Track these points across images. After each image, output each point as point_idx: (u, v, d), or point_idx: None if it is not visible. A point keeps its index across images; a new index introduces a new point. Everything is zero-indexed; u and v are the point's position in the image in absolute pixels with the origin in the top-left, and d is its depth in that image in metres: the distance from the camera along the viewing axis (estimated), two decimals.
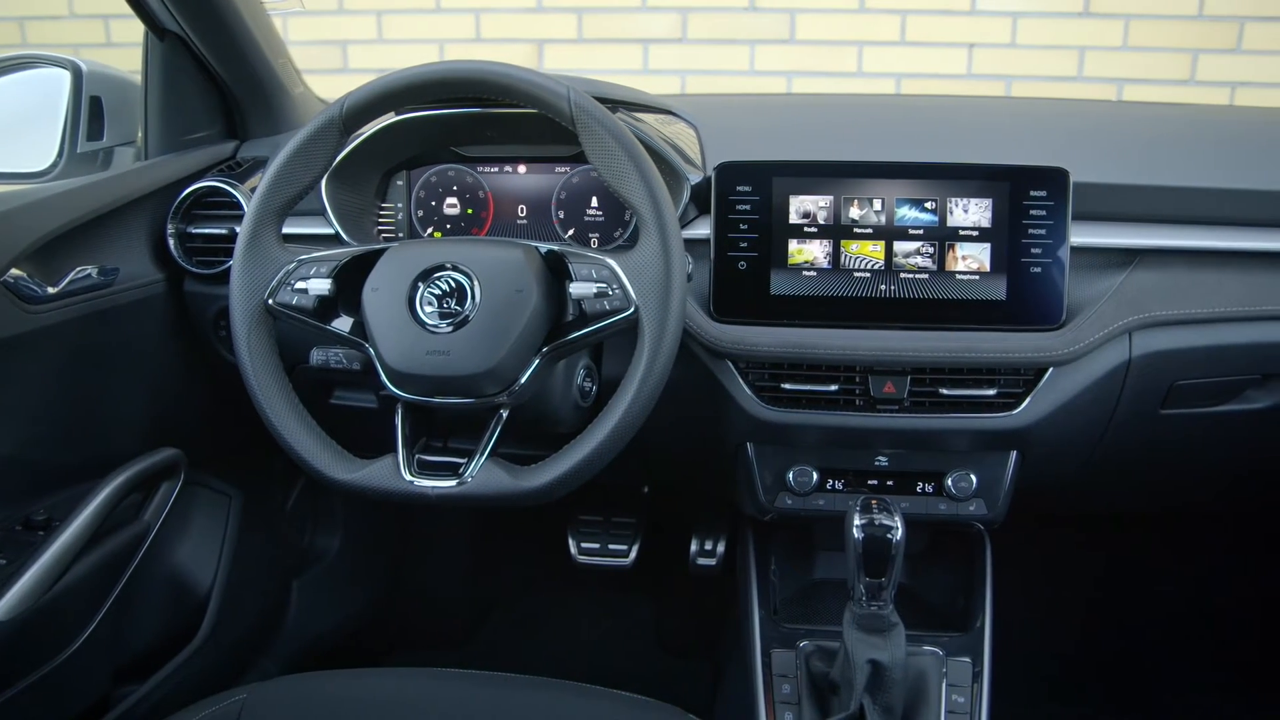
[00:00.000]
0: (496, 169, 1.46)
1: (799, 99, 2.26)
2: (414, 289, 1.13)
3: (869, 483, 1.36)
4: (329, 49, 3.33)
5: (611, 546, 1.88)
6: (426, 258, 1.14)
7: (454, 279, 1.12)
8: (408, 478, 1.11)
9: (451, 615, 2.18)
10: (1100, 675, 2.03)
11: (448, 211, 1.47)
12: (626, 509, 1.92)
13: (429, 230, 1.48)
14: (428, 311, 1.12)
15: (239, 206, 1.43)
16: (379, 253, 1.17)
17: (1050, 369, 1.26)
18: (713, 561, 1.81)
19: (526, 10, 3.24)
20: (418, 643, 2.16)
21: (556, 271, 1.14)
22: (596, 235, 1.44)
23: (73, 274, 1.30)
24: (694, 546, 1.82)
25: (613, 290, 1.09)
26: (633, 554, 1.87)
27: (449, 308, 1.11)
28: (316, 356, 1.29)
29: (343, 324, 1.18)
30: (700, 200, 1.32)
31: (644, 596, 2.15)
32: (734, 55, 3.19)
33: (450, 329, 1.10)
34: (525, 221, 1.46)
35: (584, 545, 1.90)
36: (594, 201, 1.44)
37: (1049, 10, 3.13)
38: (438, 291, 1.12)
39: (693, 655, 1.97)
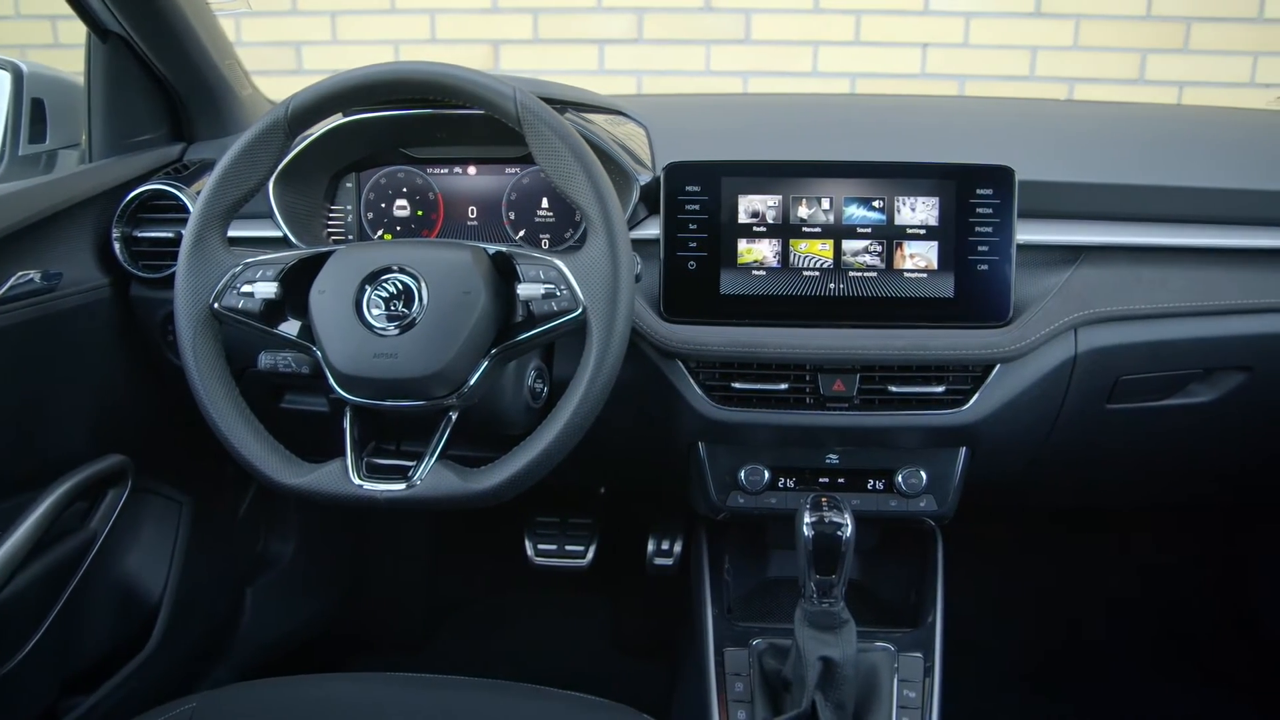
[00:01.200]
0: (446, 170, 1.46)
1: (753, 99, 2.27)
2: (361, 291, 1.12)
3: (820, 480, 1.37)
4: (283, 50, 3.30)
5: (568, 548, 1.88)
6: (373, 260, 1.13)
7: (401, 281, 1.12)
8: (356, 481, 1.10)
9: (409, 619, 2.17)
10: (1052, 668, 2.05)
11: (398, 213, 1.47)
12: (583, 510, 1.92)
13: (379, 232, 1.47)
14: (375, 314, 1.11)
15: (185, 210, 1.41)
16: (326, 255, 1.16)
17: (998, 365, 1.28)
18: (670, 561, 1.82)
19: (482, 11, 3.22)
20: (375, 647, 2.14)
21: (505, 273, 1.13)
22: (547, 236, 1.44)
23: (14, 279, 1.28)
24: (651, 546, 1.83)
25: (560, 291, 1.09)
26: (590, 555, 1.87)
27: (396, 310, 1.10)
28: (265, 360, 1.28)
29: (290, 327, 1.17)
30: (650, 200, 1.32)
31: (602, 597, 2.15)
32: (690, 55, 3.19)
33: (398, 331, 1.09)
34: (476, 223, 1.46)
35: (541, 547, 1.89)
36: (544, 202, 1.43)
37: (1001, 10, 3.16)
38: (385, 294, 1.11)
39: (650, 655, 1.97)
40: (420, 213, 1.46)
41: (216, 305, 1.15)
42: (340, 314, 1.11)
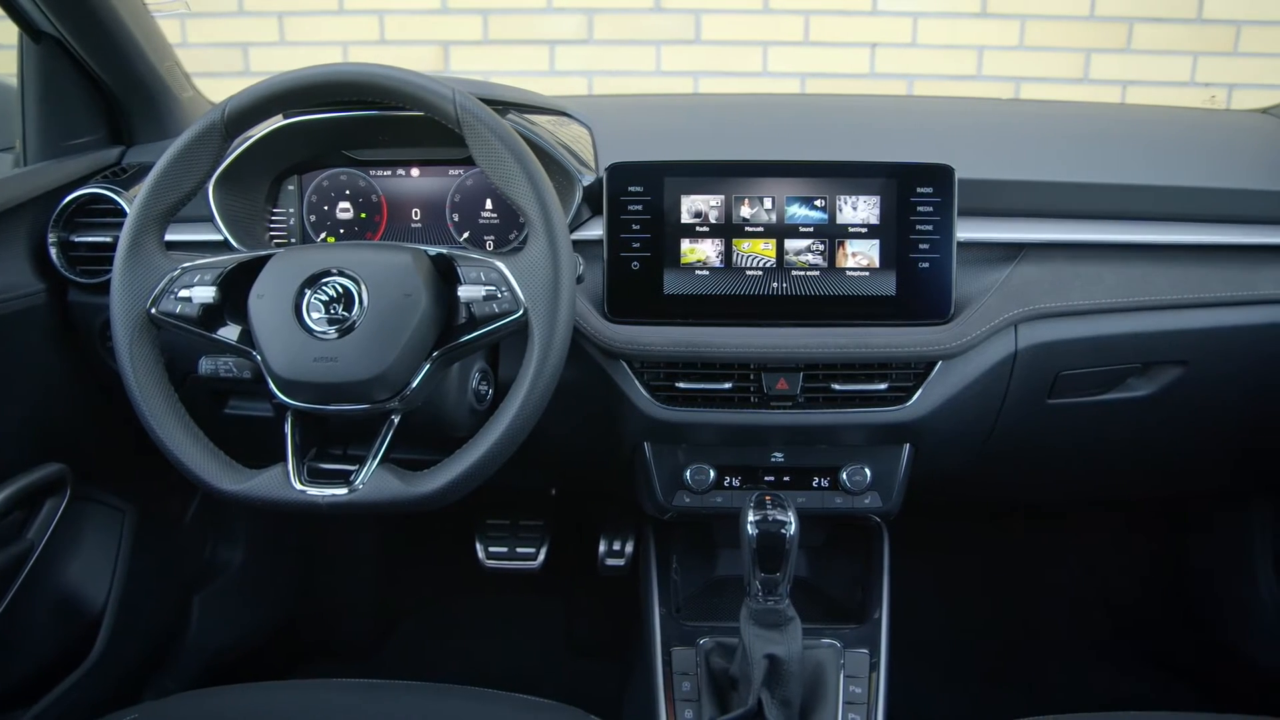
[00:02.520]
0: (389, 172, 1.45)
1: (701, 99, 2.27)
2: (300, 295, 1.11)
3: (765, 479, 1.37)
4: (229, 51, 3.26)
5: (519, 550, 1.87)
6: (312, 263, 1.12)
7: (341, 284, 1.11)
8: (298, 487, 1.09)
9: (361, 624, 2.15)
10: (999, 661, 2.07)
11: (341, 216, 1.45)
12: (534, 512, 1.92)
13: (322, 235, 1.46)
14: (315, 318, 1.10)
15: (124, 214, 1.39)
16: (265, 259, 1.15)
17: (939, 362, 1.29)
18: (621, 562, 1.82)
19: (431, 12, 3.21)
20: (327, 654, 2.12)
21: (446, 275, 1.13)
22: (492, 238, 1.43)
23: None
24: (602, 547, 1.83)
25: (502, 293, 1.09)
26: (541, 556, 1.87)
27: (336, 313, 1.10)
28: (205, 366, 1.26)
29: (230, 332, 1.15)
30: (593, 201, 1.32)
31: (554, 599, 2.15)
32: (640, 56, 3.20)
33: (337, 335, 1.09)
34: (420, 225, 1.45)
35: (492, 549, 1.89)
36: (488, 204, 1.43)
37: (948, 10, 3.20)
38: (325, 297, 1.10)
39: (603, 656, 1.97)
40: (363, 215, 1.45)
41: (154, 310, 1.13)
42: (279, 318, 1.10)
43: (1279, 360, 1.40)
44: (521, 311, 1.08)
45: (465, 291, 1.09)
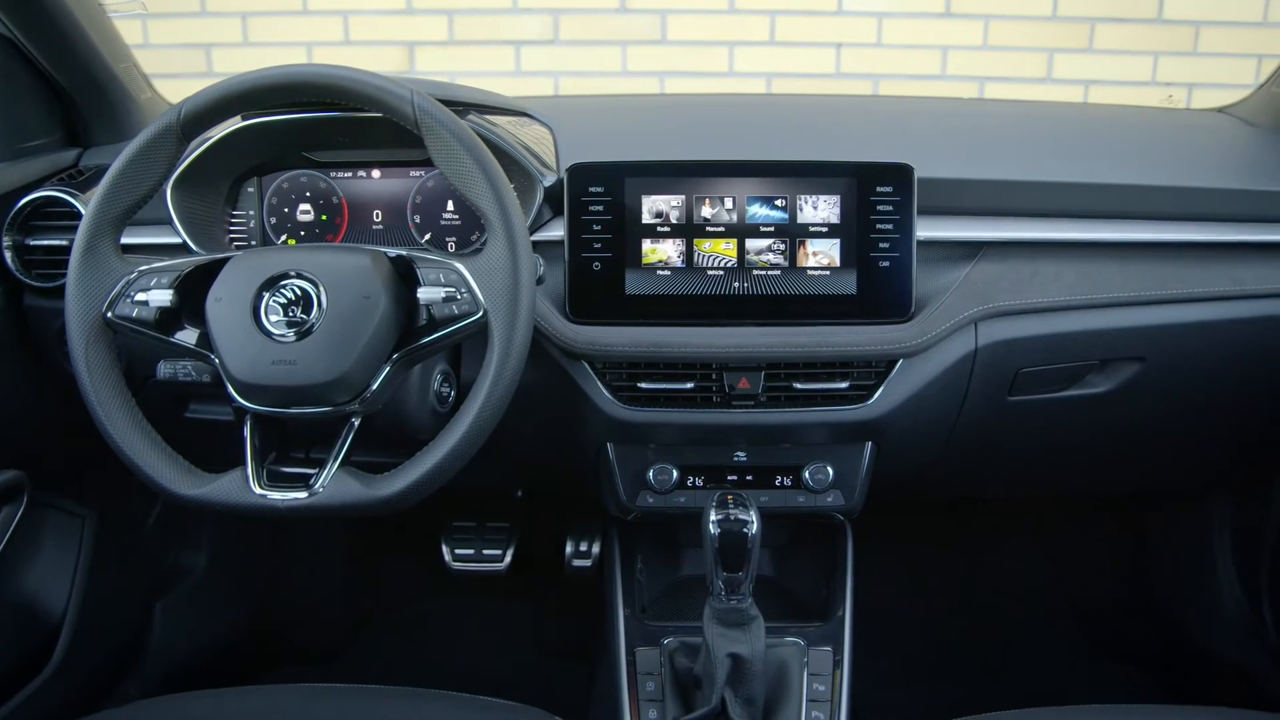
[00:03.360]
0: (350, 174, 1.44)
1: (666, 99, 2.28)
2: (258, 298, 1.10)
3: (728, 478, 1.38)
4: (192, 52, 3.24)
5: (486, 552, 1.87)
6: (270, 266, 1.11)
7: (299, 287, 1.10)
8: (257, 490, 1.08)
9: (327, 628, 2.14)
10: (964, 656, 2.09)
11: (301, 218, 1.44)
12: (501, 514, 1.91)
13: (282, 238, 1.45)
14: (273, 320, 1.09)
15: (80, 217, 1.37)
16: (223, 262, 1.14)
17: (900, 360, 1.30)
18: (588, 563, 1.82)
19: (396, 12, 3.20)
20: (293, 658, 2.11)
21: (406, 277, 1.12)
22: (454, 239, 1.43)
23: None
24: (569, 548, 1.83)
25: (461, 294, 1.08)
26: (508, 558, 1.86)
27: (295, 316, 1.09)
28: (164, 370, 1.25)
29: (188, 336, 1.14)
30: (555, 202, 1.32)
31: (522, 600, 2.14)
32: (606, 56, 3.20)
33: (296, 338, 1.08)
34: (381, 226, 1.44)
35: (458, 551, 1.88)
36: (450, 205, 1.42)
37: (912, 10, 3.22)
38: (283, 300, 1.10)
39: (570, 657, 1.97)
40: (324, 217, 1.44)
41: (110, 314, 1.12)
42: (237, 321, 1.09)
43: (1234, 355, 1.42)
44: (481, 313, 1.08)
45: (425, 293, 1.09)
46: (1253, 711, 1.16)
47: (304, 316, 1.09)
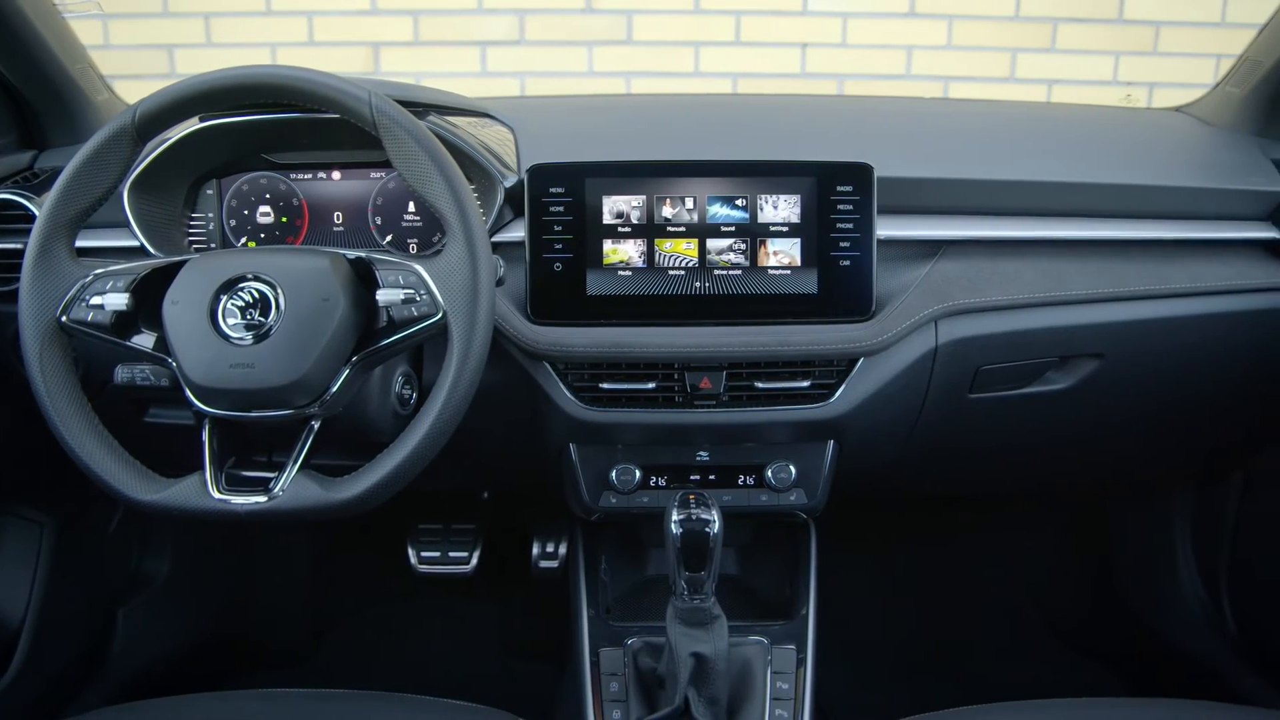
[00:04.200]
0: (310, 176, 1.43)
1: (631, 100, 2.28)
2: (215, 301, 1.09)
3: (691, 478, 1.38)
4: (154, 53, 3.21)
5: (452, 554, 1.86)
6: (228, 268, 1.10)
7: (257, 289, 1.09)
8: (215, 495, 1.08)
9: (293, 632, 2.12)
10: (930, 652, 2.10)
11: (261, 220, 1.43)
12: (466, 516, 1.90)
13: (242, 240, 1.43)
14: (231, 324, 1.08)
15: (34, 220, 1.36)
16: (180, 265, 1.13)
17: (861, 359, 1.30)
18: (555, 564, 1.81)
19: (361, 13, 3.18)
20: (259, 663, 2.09)
21: (365, 279, 1.12)
22: (415, 240, 1.42)
23: None
24: (535, 549, 1.82)
25: (420, 296, 1.08)
26: (474, 561, 1.86)
27: (253, 319, 1.08)
28: (121, 374, 1.24)
29: (145, 340, 1.13)
30: (516, 203, 1.32)
31: (489, 602, 2.14)
32: (572, 57, 3.20)
33: (254, 341, 1.07)
34: (342, 229, 1.43)
35: (424, 554, 1.88)
36: (411, 207, 1.42)
37: (877, 10, 3.23)
38: (241, 303, 1.09)
39: (538, 658, 1.97)
40: (285, 219, 1.43)
41: (64, 319, 1.11)
42: (194, 324, 1.08)
43: (1192, 352, 1.44)
44: (440, 314, 1.07)
45: (384, 295, 1.09)
46: (1214, 704, 1.18)
47: (262, 319, 1.08)
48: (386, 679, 1.74)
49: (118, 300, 1.10)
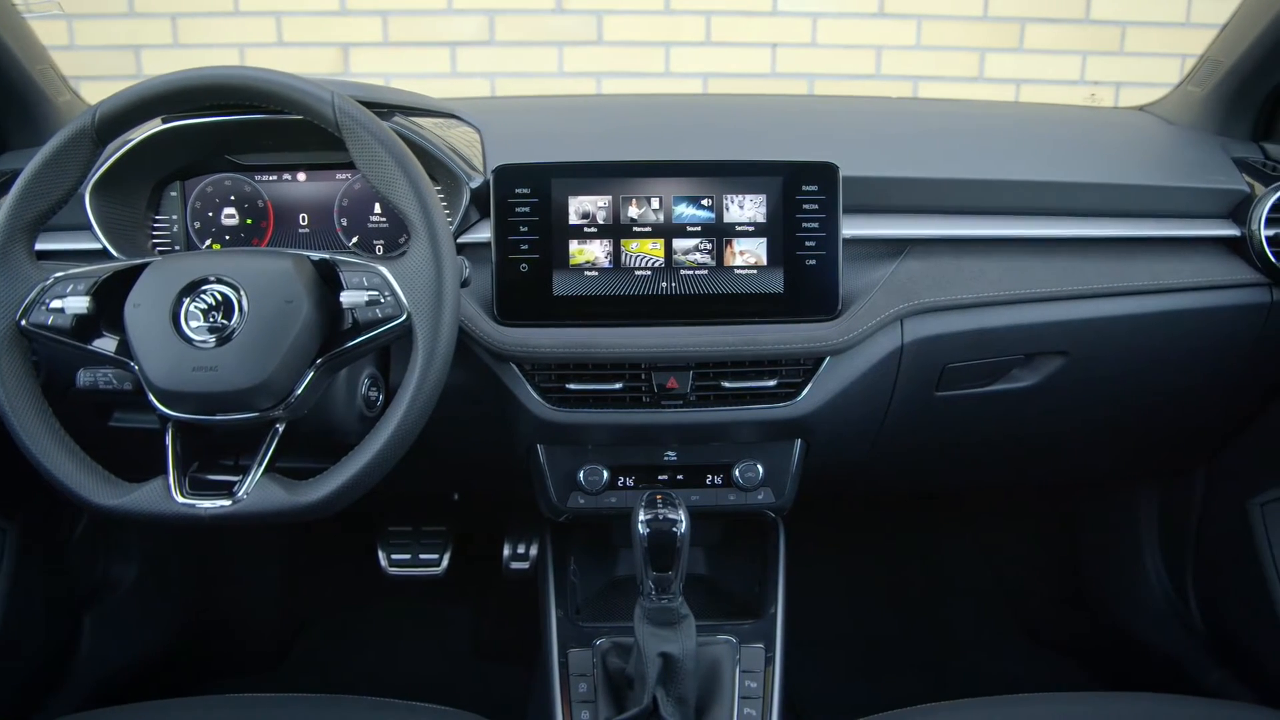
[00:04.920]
0: (275, 177, 1.42)
1: (602, 100, 2.28)
2: (178, 304, 1.08)
3: (659, 478, 1.38)
4: (121, 54, 3.18)
5: (423, 556, 1.86)
6: (190, 271, 1.10)
7: (220, 292, 1.09)
8: (179, 499, 1.07)
9: (264, 637, 2.11)
10: (901, 649, 2.11)
11: (226, 222, 1.42)
12: (437, 518, 1.90)
13: (207, 242, 1.42)
14: (194, 326, 1.08)
15: None
16: (142, 267, 1.12)
17: (827, 358, 1.31)
18: (526, 565, 1.81)
19: (330, 13, 3.16)
20: (230, 667, 2.08)
21: (329, 281, 1.11)
22: (381, 242, 1.42)
23: None
24: (506, 550, 1.82)
25: (385, 298, 1.08)
26: (444, 562, 1.85)
27: (216, 322, 1.07)
28: (84, 378, 1.23)
29: (107, 343, 1.12)
30: (482, 204, 1.31)
31: (461, 604, 2.13)
32: (543, 57, 3.19)
33: (217, 343, 1.07)
34: (307, 230, 1.42)
35: (395, 557, 1.87)
36: (377, 208, 1.41)
37: (846, 10, 3.25)
38: (203, 305, 1.08)
39: (509, 660, 1.97)
40: (250, 221, 1.42)
41: (24, 322, 1.10)
42: (156, 328, 1.08)
43: (1155, 348, 1.45)
44: (405, 316, 1.07)
45: (347, 297, 1.08)
46: (1180, 697, 1.19)
47: (225, 322, 1.07)
48: (358, 682, 1.73)
49: (78, 304, 1.09)
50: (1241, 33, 1.49)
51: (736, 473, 1.37)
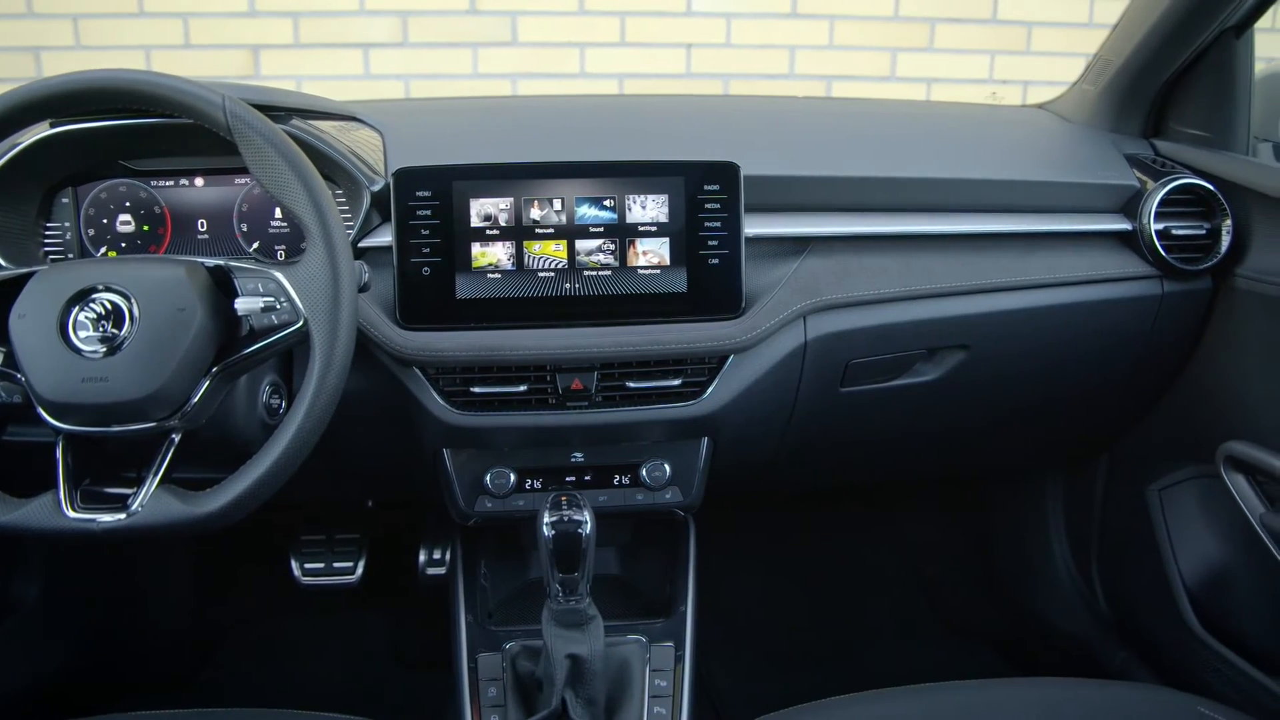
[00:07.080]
0: (172, 183, 1.39)
1: (507, 102, 2.26)
2: (66, 313, 1.06)
3: (566, 479, 1.38)
4: (20, 56, 3.11)
5: (336, 565, 1.84)
6: (78, 280, 1.07)
7: (109, 300, 1.06)
8: (70, 514, 1.04)
9: (176, 652, 2.06)
10: (817, 641, 2.14)
11: (121, 229, 1.39)
12: (350, 525, 1.88)
13: (102, 250, 1.39)
14: (83, 336, 1.05)
15: None
16: (27, 276, 1.09)
17: (731, 356, 1.32)
18: (442, 570, 1.79)
19: (239, 15, 3.11)
20: (143, 685, 2.03)
21: (224, 287, 1.09)
22: (283, 247, 1.40)
23: None
24: (422, 556, 1.80)
25: (281, 304, 1.06)
26: (359, 570, 1.83)
27: (106, 331, 1.05)
28: None
29: None
30: (383, 207, 1.30)
31: (378, 612, 2.11)
32: (457, 59, 3.18)
33: (107, 353, 1.04)
34: (207, 236, 1.40)
35: (308, 566, 1.84)
36: (277, 213, 1.39)
37: (760, 11, 3.28)
38: (92, 315, 1.05)
39: (429, 667, 1.95)
40: (146, 228, 1.39)
41: None
42: (43, 338, 1.05)
43: (1053, 341, 1.48)
44: (301, 322, 1.06)
45: (243, 304, 1.07)
46: (1085, 680, 1.22)
47: (115, 331, 1.05)
48: (274, 696, 1.70)
49: None
50: (1130, 33, 1.53)
51: (644, 472, 1.37)
